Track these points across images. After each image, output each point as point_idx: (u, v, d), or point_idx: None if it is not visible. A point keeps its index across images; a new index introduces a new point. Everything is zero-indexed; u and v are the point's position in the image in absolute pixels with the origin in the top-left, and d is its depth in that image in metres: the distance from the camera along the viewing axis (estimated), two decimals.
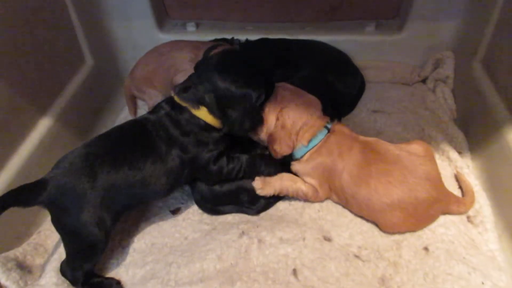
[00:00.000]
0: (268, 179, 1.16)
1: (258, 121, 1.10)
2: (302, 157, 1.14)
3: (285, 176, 1.17)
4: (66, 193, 0.92)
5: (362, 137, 1.15)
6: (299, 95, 1.16)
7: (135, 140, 1.02)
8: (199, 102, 1.04)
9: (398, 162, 1.08)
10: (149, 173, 1.00)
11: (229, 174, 1.12)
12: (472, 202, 1.14)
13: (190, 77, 1.10)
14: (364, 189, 1.07)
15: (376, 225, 1.12)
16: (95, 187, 0.93)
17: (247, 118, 1.05)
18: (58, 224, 0.95)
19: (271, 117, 1.12)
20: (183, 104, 1.05)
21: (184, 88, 1.06)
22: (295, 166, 1.16)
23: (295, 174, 1.18)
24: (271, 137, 1.12)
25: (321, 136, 1.12)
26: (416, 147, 1.14)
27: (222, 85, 1.02)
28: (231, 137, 1.12)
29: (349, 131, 1.16)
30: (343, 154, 1.10)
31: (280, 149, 1.11)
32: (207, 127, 1.06)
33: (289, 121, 1.11)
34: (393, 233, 1.10)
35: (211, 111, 1.04)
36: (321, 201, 1.19)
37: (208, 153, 1.07)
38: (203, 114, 1.04)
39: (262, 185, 1.13)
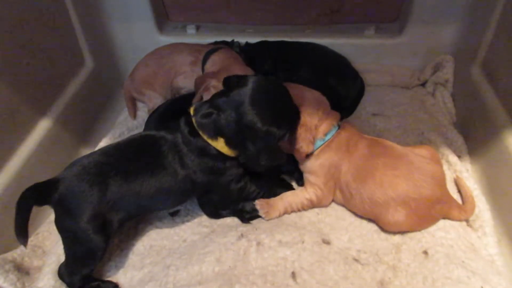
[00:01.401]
0: (271, 201, 1.17)
1: (276, 159, 1.05)
2: (312, 152, 1.14)
3: (284, 194, 1.19)
4: (74, 196, 0.92)
5: (367, 136, 1.17)
6: (307, 92, 1.15)
7: (150, 157, 1.00)
8: (217, 133, 0.99)
9: (404, 158, 1.09)
10: (158, 191, 0.99)
11: (250, 195, 1.14)
12: (472, 209, 1.13)
13: (214, 98, 1.02)
14: (369, 183, 1.08)
15: (376, 228, 1.12)
16: (103, 198, 0.93)
17: (265, 155, 1.00)
18: (60, 225, 0.95)
19: None
20: (200, 131, 1.00)
21: (205, 115, 1.00)
22: (303, 163, 1.17)
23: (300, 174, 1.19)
24: (292, 137, 1.11)
25: (334, 131, 1.13)
26: (423, 151, 1.15)
27: (249, 118, 0.95)
28: None
29: (356, 129, 1.18)
30: (351, 148, 1.11)
31: (306, 147, 1.10)
32: (221, 156, 1.02)
33: (307, 118, 1.10)
34: (394, 231, 1.09)
35: (228, 143, 1.00)
36: (326, 205, 1.19)
37: (227, 177, 1.07)
38: (219, 145, 1.00)
39: (267, 208, 1.15)
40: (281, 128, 0.99)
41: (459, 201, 1.17)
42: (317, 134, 1.12)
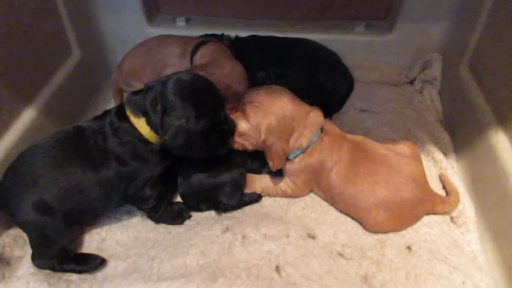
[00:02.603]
0: (251, 177, 1.20)
1: (197, 149, 1.02)
2: (293, 159, 1.13)
3: (264, 176, 1.21)
4: (11, 194, 0.96)
5: (350, 136, 1.16)
6: (277, 108, 1.07)
7: (75, 147, 0.99)
8: (141, 109, 0.99)
9: (384, 162, 1.09)
10: (81, 181, 0.97)
11: (152, 208, 1.11)
12: (457, 201, 1.15)
13: (148, 82, 1.03)
14: (351, 188, 1.08)
15: (361, 223, 1.13)
16: (35, 187, 0.95)
17: (182, 135, 0.97)
18: (14, 221, 1.01)
19: (260, 129, 1.08)
20: (126, 109, 1.00)
21: (135, 92, 1.02)
22: (285, 166, 1.16)
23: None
24: (266, 150, 1.09)
25: (315, 138, 1.10)
26: (403, 147, 1.16)
27: (169, 92, 0.96)
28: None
29: (339, 131, 1.16)
30: (333, 154, 1.10)
31: (278, 164, 1.09)
32: (143, 139, 1.00)
33: (275, 143, 1.07)
34: (377, 232, 1.10)
35: (149, 122, 0.98)
36: (301, 196, 1.20)
37: (148, 172, 1.04)
38: (140, 124, 0.99)
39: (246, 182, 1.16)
40: (199, 111, 0.97)
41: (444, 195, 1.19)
42: (294, 145, 1.09)
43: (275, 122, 1.06)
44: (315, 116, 1.10)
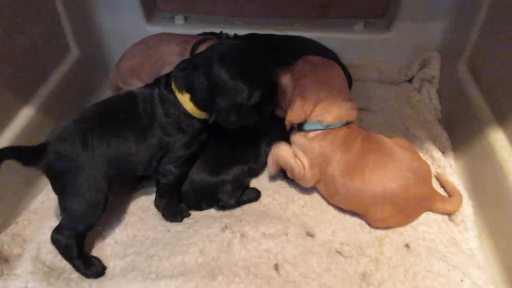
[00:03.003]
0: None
1: (248, 119, 1.06)
2: (308, 132, 1.13)
3: (281, 145, 1.18)
4: (63, 158, 0.95)
5: (362, 130, 1.17)
6: (338, 77, 1.15)
7: (124, 111, 1.03)
8: (186, 86, 1.01)
9: (394, 155, 1.09)
10: (130, 146, 1.01)
11: (167, 186, 1.12)
12: (459, 202, 1.13)
13: (193, 57, 1.06)
14: (358, 180, 1.07)
15: (359, 222, 1.13)
16: (87, 153, 0.96)
17: (234, 112, 1.00)
18: (57, 187, 0.99)
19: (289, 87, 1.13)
20: (173, 83, 1.03)
21: (181, 68, 1.03)
22: (295, 137, 1.16)
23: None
24: (293, 99, 1.11)
25: (340, 125, 1.11)
26: (400, 143, 1.16)
27: (217, 71, 0.98)
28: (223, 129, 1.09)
29: (356, 126, 1.17)
30: (347, 144, 1.10)
31: (293, 117, 1.10)
32: (187, 114, 1.04)
33: (309, 94, 1.09)
34: (380, 227, 1.10)
35: (194, 99, 1.02)
36: (306, 185, 1.16)
37: (184, 148, 1.07)
38: (184, 100, 1.03)
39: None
40: (251, 86, 0.98)
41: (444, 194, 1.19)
42: (316, 115, 1.10)
43: (312, 77, 1.11)
44: (351, 107, 1.13)
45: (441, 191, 1.21)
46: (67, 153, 0.95)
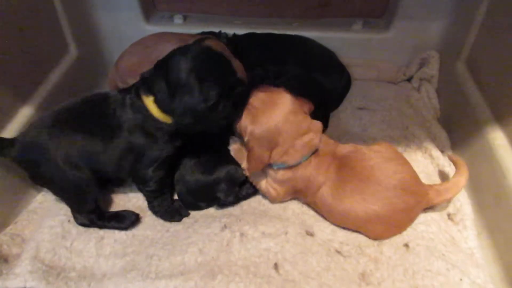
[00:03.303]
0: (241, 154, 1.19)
1: (208, 124, 1.01)
2: (278, 170, 1.10)
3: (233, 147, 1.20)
4: (33, 149, 1.00)
5: (340, 149, 1.12)
6: (274, 107, 1.04)
7: (95, 109, 1.04)
8: (149, 89, 0.99)
9: (371, 177, 1.04)
10: (95, 144, 1.02)
11: (151, 192, 1.12)
12: (457, 185, 1.10)
13: (159, 59, 1.03)
14: (344, 203, 1.06)
15: None
16: (54, 143, 0.99)
17: (190, 115, 0.95)
18: (36, 178, 1.06)
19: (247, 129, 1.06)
20: (141, 86, 1.01)
21: (149, 71, 1.01)
22: (268, 170, 1.13)
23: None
24: (248, 150, 1.07)
25: (305, 159, 1.07)
26: (379, 149, 1.11)
27: (174, 71, 0.94)
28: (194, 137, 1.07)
29: (330, 147, 1.12)
30: (320, 175, 1.08)
31: (253, 168, 1.08)
32: (153, 117, 1.01)
33: (258, 151, 1.04)
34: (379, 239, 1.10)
35: (156, 102, 0.98)
36: (280, 202, 1.19)
37: (156, 151, 1.05)
38: (148, 102, 1.00)
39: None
40: (207, 86, 0.94)
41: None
42: (282, 158, 1.06)
43: (258, 131, 1.03)
44: (310, 138, 1.06)
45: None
46: (34, 144, 0.99)
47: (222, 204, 1.17)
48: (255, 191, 1.20)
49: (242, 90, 1.04)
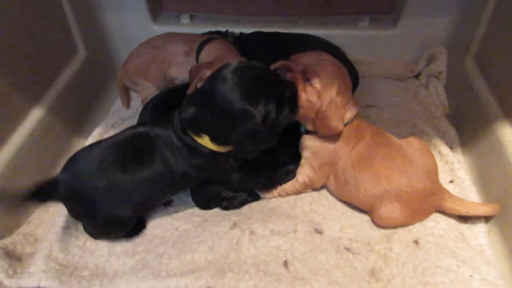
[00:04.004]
0: None
1: (266, 143, 0.96)
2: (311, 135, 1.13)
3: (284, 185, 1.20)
4: (77, 193, 0.97)
5: (372, 125, 1.17)
6: (344, 69, 1.12)
7: (146, 154, 0.99)
8: (200, 129, 0.94)
9: (400, 150, 1.10)
10: (155, 185, 1.02)
11: (250, 185, 1.15)
12: (478, 207, 1.10)
13: (192, 93, 0.99)
14: (367, 172, 1.08)
15: (368, 218, 1.13)
16: (104, 187, 0.97)
17: (250, 141, 0.92)
18: (76, 214, 1.05)
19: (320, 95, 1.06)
20: (187, 129, 0.96)
21: (185, 110, 0.95)
22: (307, 141, 1.15)
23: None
24: (324, 114, 1.06)
25: (351, 119, 1.10)
26: (415, 143, 1.15)
27: (220, 104, 0.89)
28: None
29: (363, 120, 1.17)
30: (359, 136, 1.11)
31: (337, 123, 1.06)
32: (214, 154, 0.97)
33: (339, 96, 1.06)
34: (386, 226, 1.10)
35: (213, 140, 0.94)
36: (318, 187, 1.20)
37: (224, 170, 1.05)
38: (206, 142, 0.95)
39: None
40: (260, 107, 0.90)
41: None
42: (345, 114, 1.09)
43: (342, 84, 1.07)
44: (355, 101, 1.12)
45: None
46: (82, 189, 0.97)
47: (225, 207, 1.18)
48: (259, 196, 1.22)
49: (292, 89, 1.00)
